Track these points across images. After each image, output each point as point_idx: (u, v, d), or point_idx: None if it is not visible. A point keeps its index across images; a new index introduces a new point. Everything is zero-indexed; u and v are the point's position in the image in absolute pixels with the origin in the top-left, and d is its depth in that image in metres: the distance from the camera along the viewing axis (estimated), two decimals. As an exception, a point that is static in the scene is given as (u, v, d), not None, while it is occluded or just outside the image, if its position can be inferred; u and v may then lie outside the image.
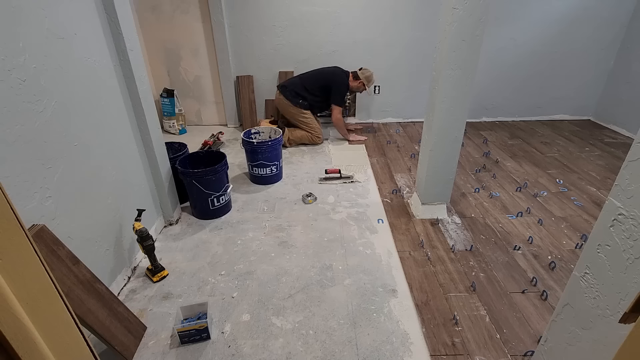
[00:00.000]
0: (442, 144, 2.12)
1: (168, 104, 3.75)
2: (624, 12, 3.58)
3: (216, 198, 2.29)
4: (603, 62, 3.81)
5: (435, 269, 1.91)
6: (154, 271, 1.83)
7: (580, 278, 1.01)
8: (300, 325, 1.58)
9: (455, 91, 1.96)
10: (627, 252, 0.85)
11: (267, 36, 3.67)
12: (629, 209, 0.84)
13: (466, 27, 1.79)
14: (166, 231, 2.23)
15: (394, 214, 2.39)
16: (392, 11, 3.59)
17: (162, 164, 2.14)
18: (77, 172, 1.48)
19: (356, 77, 3.40)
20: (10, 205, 0.69)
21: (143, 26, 3.54)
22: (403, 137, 3.71)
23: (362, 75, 3.40)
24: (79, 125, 1.50)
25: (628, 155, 0.84)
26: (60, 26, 1.40)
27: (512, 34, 3.69)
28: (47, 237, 1.22)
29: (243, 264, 1.95)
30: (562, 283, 1.80)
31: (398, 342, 1.50)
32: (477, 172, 2.95)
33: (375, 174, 2.93)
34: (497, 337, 1.54)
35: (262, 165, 2.69)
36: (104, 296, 1.39)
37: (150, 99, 2.01)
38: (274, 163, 2.74)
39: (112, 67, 1.76)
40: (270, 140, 2.68)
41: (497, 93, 3.99)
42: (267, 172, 2.74)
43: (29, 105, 1.23)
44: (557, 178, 2.83)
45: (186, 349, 1.48)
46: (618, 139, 3.56)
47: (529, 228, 2.23)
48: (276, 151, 2.72)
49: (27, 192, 1.21)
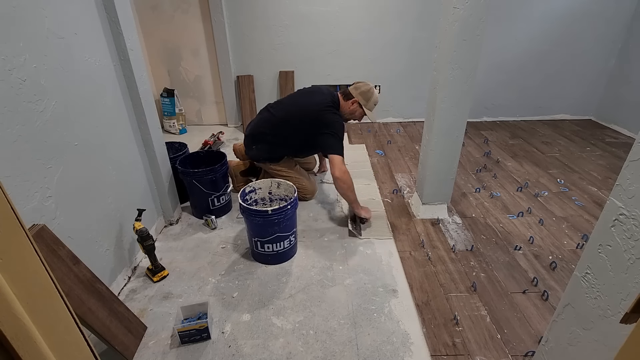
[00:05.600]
0: (442, 143, 2.11)
1: (168, 103, 3.75)
2: (625, 11, 3.57)
3: (216, 198, 2.29)
4: (604, 62, 3.80)
5: (436, 269, 1.91)
6: (155, 271, 1.83)
7: (581, 278, 1.01)
8: (301, 325, 1.58)
9: (456, 91, 1.95)
10: (628, 252, 0.85)
11: (267, 36, 3.67)
12: (630, 209, 0.84)
13: (467, 26, 1.78)
14: (166, 231, 2.23)
15: (395, 214, 2.38)
16: (393, 10, 3.59)
17: (162, 164, 2.14)
18: (77, 172, 1.48)
19: (347, 96, 2.30)
20: (11, 205, 0.68)
21: (143, 26, 3.54)
22: (403, 137, 3.70)
23: (356, 92, 2.27)
24: (79, 125, 1.50)
25: (629, 155, 0.84)
26: (61, 26, 1.40)
27: (513, 34, 3.69)
28: (48, 237, 1.21)
29: (243, 264, 1.95)
30: (563, 283, 1.80)
31: (398, 342, 1.50)
32: (477, 172, 2.94)
33: (375, 173, 2.93)
34: (497, 337, 1.53)
35: (278, 239, 1.87)
36: (105, 296, 1.39)
37: (150, 98, 2.01)
38: (293, 231, 1.94)
39: (113, 66, 1.75)
40: (290, 202, 1.84)
41: (498, 93, 3.99)
42: (284, 246, 1.91)
43: (29, 105, 1.23)
44: (558, 178, 2.82)
45: (186, 348, 1.48)
46: (619, 139, 3.55)
47: (530, 228, 2.23)
48: (294, 214, 1.93)
49: (28, 191, 1.21)
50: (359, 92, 2.28)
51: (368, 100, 2.29)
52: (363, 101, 2.28)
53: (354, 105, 2.30)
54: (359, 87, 2.29)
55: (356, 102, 2.29)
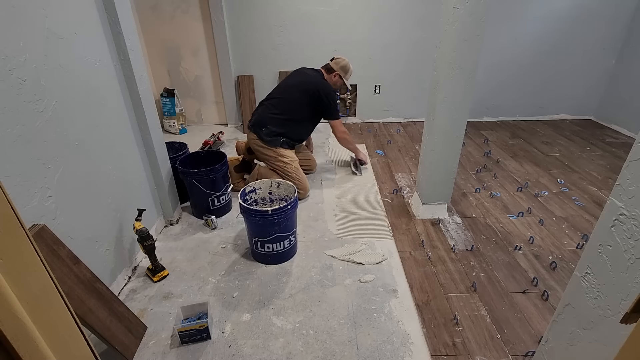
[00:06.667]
0: (443, 143, 2.11)
1: (168, 103, 3.75)
2: (625, 11, 3.57)
3: (216, 198, 2.29)
4: (604, 62, 3.80)
5: (436, 269, 1.91)
6: (155, 271, 1.83)
7: (581, 278, 1.01)
8: (301, 325, 1.58)
9: (456, 91, 1.95)
10: (628, 252, 0.85)
11: (267, 36, 3.67)
12: (630, 209, 0.84)
13: (467, 26, 1.78)
14: (166, 231, 2.23)
15: (395, 214, 2.38)
16: (393, 10, 3.59)
17: (162, 164, 2.14)
18: (77, 172, 1.48)
19: (329, 70, 2.67)
20: (11, 205, 0.69)
21: (143, 26, 3.54)
22: (404, 137, 3.70)
23: (337, 66, 2.64)
24: (79, 125, 1.50)
25: (629, 155, 0.84)
26: (61, 26, 1.40)
27: (514, 34, 3.69)
28: (48, 237, 1.22)
29: (243, 264, 1.95)
30: (563, 283, 1.80)
31: (398, 342, 1.50)
32: (478, 171, 2.94)
33: (375, 173, 2.93)
34: (497, 337, 1.53)
35: (278, 239, 1.88)
36: (105, 296, 1.39)
37: (150, 98, 2.01)
38: (293, 231, 1.96)
39: (113, 66, 1.75)
40: (290, 202, 1.84)
41: (498, 93, 3.99)
42: (284, 246, 1.93)
43: (30, 105, 1.23)
44: (558, 178, 2.82)
45: (186, 348, 1.48)
46: (619, 139, 3.55)
47: (530, 228, 2.23)
48: (294, 214, 1.93)
49: (28, 191, 1.21)
50: (339, 67, 2.67)
51: (346, 73, 2.71)
52: (343, 73, 2.69)
53: (336, 78, 2.70)
54: (339, 62, 2.68)
55: (337, 74, 2.68)
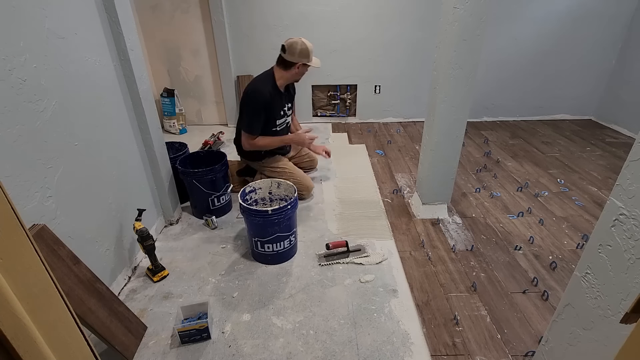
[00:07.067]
0: (443, 143, 2.11)
1: (168, 103, 3.75)
2: (626, 11, 3.57)
3: (216, 198, 2.29)
4: (605, 62, 3.80)
5: (436, 269, 1.91)
6: (155, 271, 1.83)
7: (582, 278, 1.01)
8: (301, 325, 1.58)
9: (456, 91, 1.95)
10: (628, 252, 0.85)
11: (267, 36, 3.66)
12: (631, 209, 0.84)
13: (467, 26, 1.78)
14: (166, 231, 2.23)
15: (395, 214, 2.38)
16: (393, 10, 3.59)
17: (162, 164, 2.14)
18: (77, 172, 1.48)
19: (287, 65, 2.23)
20: (11, 205, 0.68)
21: (143, 26, 3.54)
22: (404, 137, 3.70)
23: (294, 56, 2.18)
24: (79, 125, 1.50)
25: (629, 155, 0.84)
26: (61, 26, 1.40)
27: (514, 33, 3.69)
28: (48, 237, 1.22)
29: (243, 264, 1.95)
30: (563, 283, 1.80)
31: (399, 342, 1.50)
32: (478, 171, 2.94)
33: (375, 173, 2.93)
34: (497, 337, 1.53)
35: (278, 239, 1.87)
36: (105, 296, 1.39)
37: (150, 98, 2.01)
38: (293, 231, 1.96)
39: (113, 66, 1.75)
40: (290, 202, 1.84)
41: (498, 93, 3.99)
42: (284, 246, 1.92)
43: (30, 105, 1.23)
44: (558, 178, 2.82)
45: (186, 348, 1.48)
46: (619, 139, 3.55)
47: (530, 228, 2.23)
48: (294, 214, 1.92)
49: (28, 191, 1.21)
50: (298, 54, 2.19)
51: (308, 56, 2.23)
52: (306, 60, 2.23)
53: (300, 69, 2.26)
54: (295, 49, 2.17)
55: (300, 64, 2.24)
